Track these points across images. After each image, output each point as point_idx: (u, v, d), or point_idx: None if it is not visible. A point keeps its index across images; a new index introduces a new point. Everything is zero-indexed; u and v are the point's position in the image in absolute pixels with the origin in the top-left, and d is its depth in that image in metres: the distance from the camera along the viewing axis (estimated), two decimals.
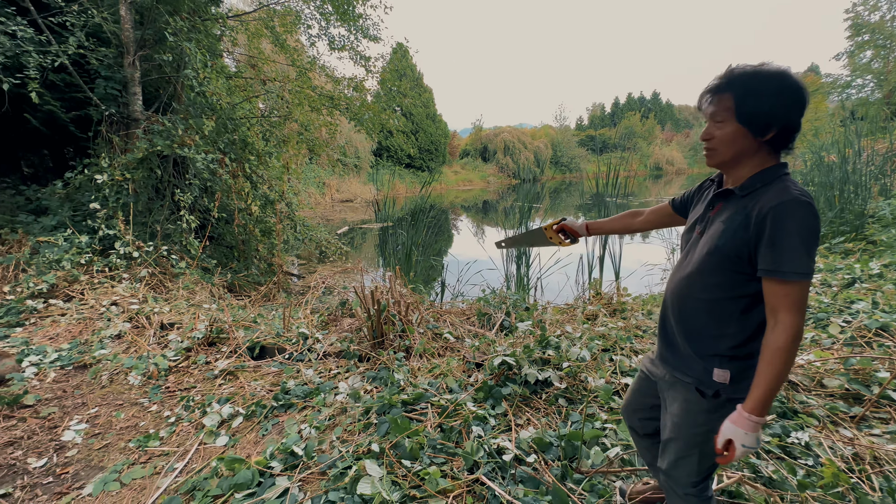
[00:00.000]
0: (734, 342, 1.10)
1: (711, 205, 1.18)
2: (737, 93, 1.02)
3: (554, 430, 2.13)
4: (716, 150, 1.09)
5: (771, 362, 0.98)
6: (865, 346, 2.80)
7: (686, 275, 1.17)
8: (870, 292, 3.70)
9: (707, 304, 1.12)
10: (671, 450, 1.26)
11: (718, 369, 1.12)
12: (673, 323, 1.22)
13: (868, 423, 2.14)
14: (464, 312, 4.03)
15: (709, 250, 1.10)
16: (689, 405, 1.18)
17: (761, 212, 0.99)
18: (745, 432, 1.00)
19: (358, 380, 2.75)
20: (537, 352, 2.69)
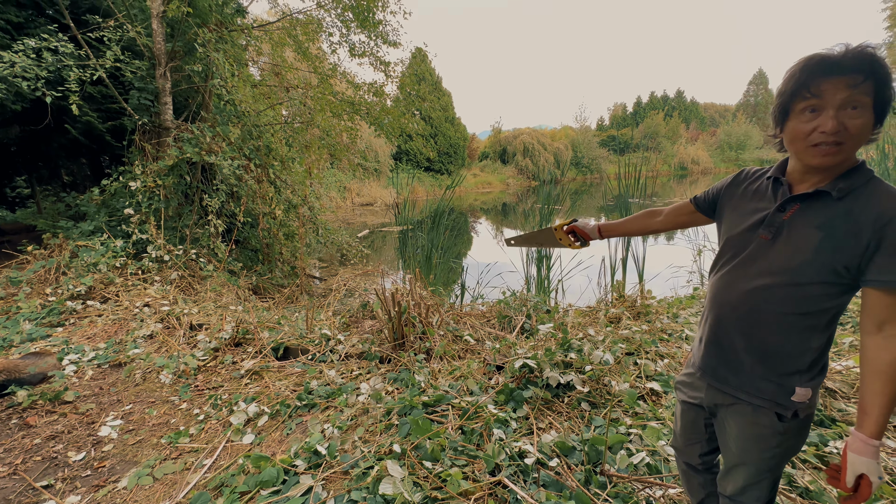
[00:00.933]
0: (815, 356, 1.01)
1: (783, 207, 1.02)
2: (879, 79, 0.88)
3: (577, 435, 2.09)
4: (845, 144, 0.91)
5: (891, 379, 0.90)
6: None
7: (761, 286, 1.02)
8: None
9: (793, 318, 0.99)
10: (738, 475, 1.14)
11: (800, 388, 1.02)
12: (739, 340, 1.08)
13: None
14: (484, 315, 4.02)
15: (804, 261, 0.96)
16: (760, 429, 1.07)
17: (882, 217, 0.88)
18: (875, 462, 0.91)
19: (379, 381, 2.78)
20: (559, 355, 2.66)
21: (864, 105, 0.89)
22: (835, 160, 0.93)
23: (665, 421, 2.15)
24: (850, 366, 2.47)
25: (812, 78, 0.91)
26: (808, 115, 0.93)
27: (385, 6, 7.69)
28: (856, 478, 0.93)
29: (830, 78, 0.89)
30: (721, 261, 1.14)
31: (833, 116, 0.89)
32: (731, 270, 1.10)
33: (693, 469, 1.35)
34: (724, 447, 1.18)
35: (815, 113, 0.92)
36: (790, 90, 0.95)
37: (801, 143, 0.96)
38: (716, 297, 1.13)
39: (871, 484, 0.91)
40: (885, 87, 0.88)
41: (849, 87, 0.88)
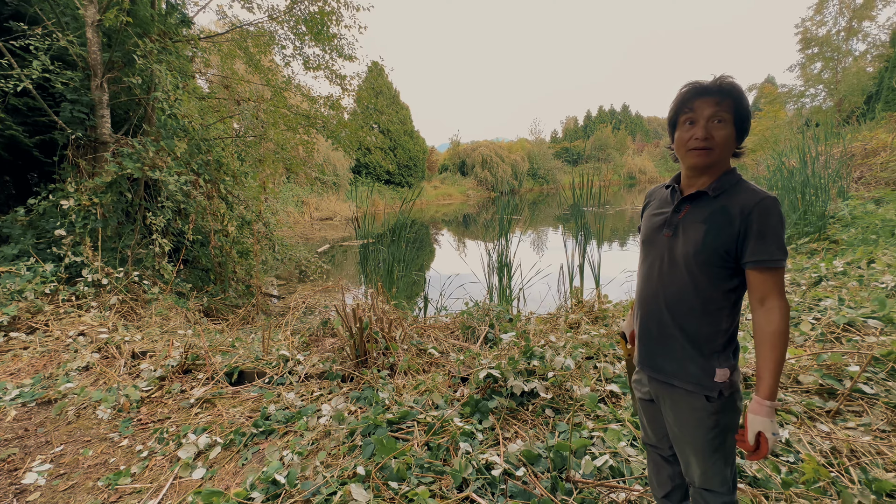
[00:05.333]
0: (726, 338, 1.17)
1: (678, 208, 1.23)
2: (736, 99, 1.13)
3: (542, 442, 2.11)
4: (713, 150, 1.15)
5: (775, 346, 1.07)
6: (835, 341, 2.91)
7: (676, 278, 1.20)
8: (836, 289, 3.86)
9: (703, 303, 1.17)
10: (695, 463, 1.24)
11: (719, 369, 1.16)
12: (670, 328, 1.22)
13: (843, 417, 2.20)
14: (448, 327, 4.01)
15: (696, 250, 1.15)
16: (696, 412, 1.20)
17: (745, 208, 1.10)
18: (770, 420, 1.06)
19: (341, 401, 2.69)
20: (522, 363, 2.69)
21: (727, 119, 1.13)
22: (706, 161, 1.16)
23: (625, 422, 2.21)
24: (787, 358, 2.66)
25: (690, 98, 1.16)
26: (687, 126, 1.17)
27: (340, 20, 7.66)
28: (755, 436, 1.07)
29: (702, 98, 1.14)
30: (641, 262, 1.33)
31: (703, 126, 1.14)
32: (648, 268, 1.28)
33: (665, 460, 1.44)
34: (671, 434, 1.29)
35: (692, 125, 1.16)
36: (675, 108, 1.20)
37: (682, 148, 1.19)
38: (641, 293, 1.30)
39: (767, 440, 1.05)
40: (741, 106, 1.14)
41: (715, 105, 1.13)
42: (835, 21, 17.25)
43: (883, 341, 2.70)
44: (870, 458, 1.86)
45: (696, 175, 1.20)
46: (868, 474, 1.69)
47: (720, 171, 1.18)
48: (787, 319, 1.07)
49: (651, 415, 1.40)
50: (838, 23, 17.19)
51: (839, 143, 8.07)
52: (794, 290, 4.21)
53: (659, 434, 1.40)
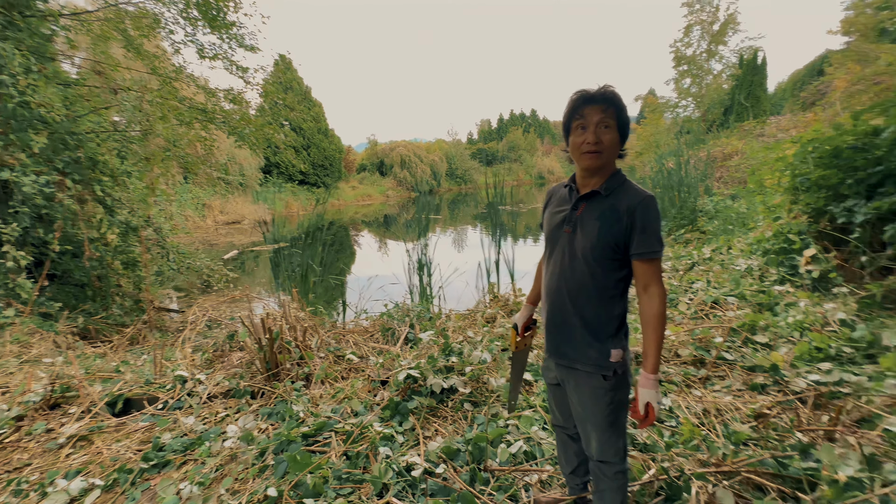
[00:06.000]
0: (618, 322, 1.32)
1: (576, 206, 1.34)
2: (619, 107, 1.25)
3: (461, 436, 2.16)
4: (602, 153, 1.26)
5: (656, 327, 1.23)
6: (705, 317, 3.40)
7: (576, 271, 1.31)
8: (704, 273, 4.51)
9: (599, 292, 1.29)
10: (594, 437, 1.37)
11: (614, 350, 1.30)
12: (571, 317, 1.33)
13: (711, 382, 2.58)
14: (367, 330, 3.92)
15: (592, 244, 1.27)
16: (595, 390, 1.33)
17: (630, 207, 1.24)
18: (655, 391, 1.23)
19: (251, 419, 2.48)
20: (441, 360, 2.72)
21: (612, 125, 1.25)
22: (598, 163, 1.27)
23: (537, 408, 2.35)
24: (668, 335, 3.05)
25: (580, 105, 1.27)
26: (579, 132, 1.28)
27: (238, 7, 7.08)
28: (644, 406, 1.22)
29: (590, 105, 1.25)
30: (546, 257, 1.43)
31: (593, 131, 1.25)
32: (552, 262, 1.39)
33: (571, 438, 1.57)
34: (575, 413, 1.41)
35: (584, 130, 1.26)
36: (568, 114, 1.31)
37: (576, 151, 1.30)
38: (546, 287, 1.41)
39: (654, 408, 1.21)
40: (622, 113, 1.26)
41: (601, 112, 1.24)
42: (698, 44, 20.21)
43: (738, 315, 3.22)
44: (731, 414, 2.20)
45: (590, 175, 1.32)
46: (729, 428, 1.99)
47: (609, 173, 1.31)
48: (665, 303, 1.24)
49: (558, 398, 1.52)
50: (701, 45, 20.17)
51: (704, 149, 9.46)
52: (674, 275, 4.84)
53: (566, 415, 1.52)
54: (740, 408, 2.21)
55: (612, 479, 1.36)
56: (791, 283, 3.70)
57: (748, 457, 1.74)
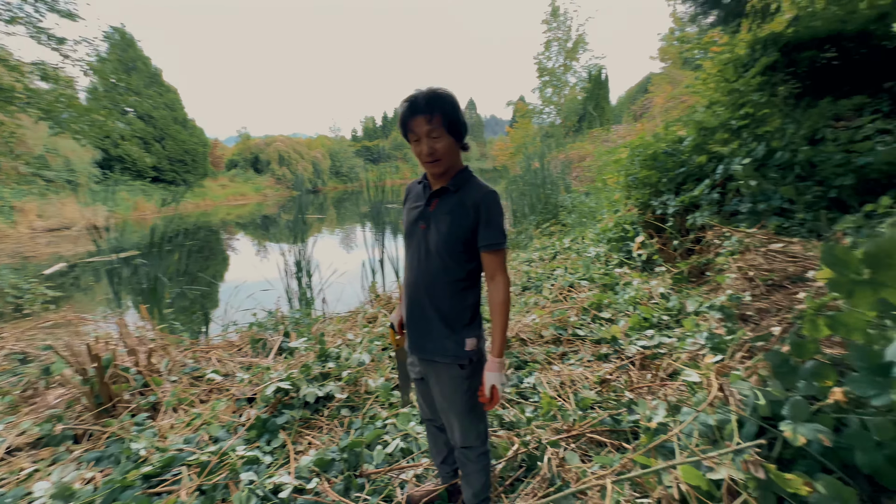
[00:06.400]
0: (472, 312, 1.38)
1: (429, 202, 1.37)
2: (444, 112, 1.24)
3: (336, 445, 2.07)
4: (441, 160, 1.29)
5: (502, 313, 1.30)
6: (563, 300, 3.83)
7: (431, 265, 1.34)
8: (564, 261, 5.09)
9: (452, 284, 1.34)
10: (456, 424, 1.42)
11: (468, 339, 1.35)
12: (429, 311, 1.36)
13: (568, 357, 2.91)
14: (234, 344, 3.52)
15: (444, 239, 1.31)
16: (454, 381, 1.37)
17: (475, 202, 1.29)
18: (499, 374, 1.29)
19: (71, 469, 2.02)
20: (316, 368, 2.58)
21: (441, 133, 1.26)
22: (439, 170, 1.31)
23: (413, 403, 2.37)
24: (534, 319, 3.35)
25: (406, 120, 1.27)
26: (415, 144, 1.29)
27: None
28: (490, 389, 1.28)
29: (416, 117, 1.25)
30: (405, 253, 1.45)
31: (425, 144, 1.26)
32: (410, 258, 1.42)
33: (439, 430, 1.60)
34: (438, 405, 1.45)
35: (418, 141, 1.27)
36: (401, 129, 1.31)
37: (420, 160, 1.32)
38: (405, 282, 1.43)
39: (498, 390, 1.28)
40: (450, 115, 1.25)
41: (427, 123, 1.24)
42: (556, 58, 22.81)
43: (589, 296, 3.69)
44: (582, 383, 2.50)
45: (437, 177, 1.36)
46: (578, 396, 2.26)
47: (456, 170, 1.35)
48: (509, 290, 1.32)
49: (424, 392, 1.55)
50: (559, 59, 22.79)
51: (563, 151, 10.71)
52: (541, 264, 5.37)
53: (432, 408, 1.55)
54: (588, 377, 2.54)
55: (476, 461, 1.43)
56: (628, 266, 4.39)
57: (592, 419, 2.00)
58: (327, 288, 5.25)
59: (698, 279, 3.48)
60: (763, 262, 2.67)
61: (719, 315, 2.24)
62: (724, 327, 2.10)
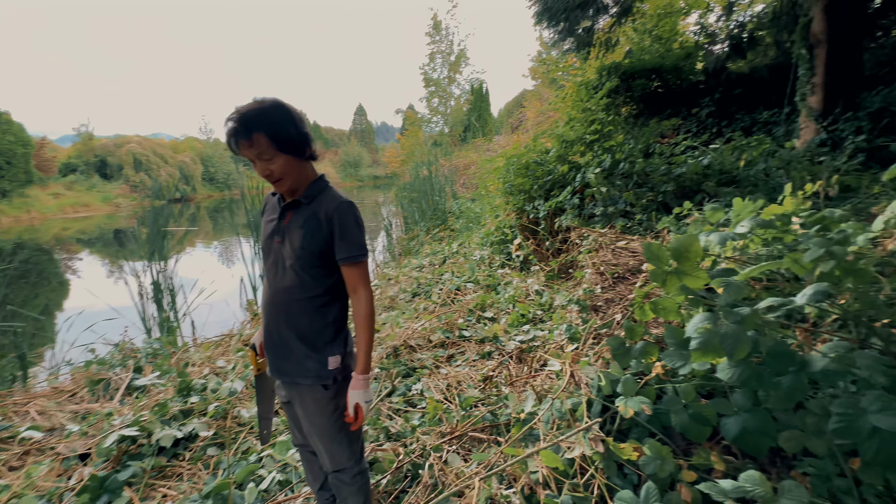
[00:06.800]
0: (336, 328, 1.30)
1: (283, 215, 1.29)
2: (268, 130, 1.13)
3: (199, 492, 1.81)
4: (283, 179, 1.21)
5: (365, 327, 1.25)
6: (451, 303, 3.95)
7: (287, 281, 1.25)
8: (452, 265, 5.28)
9: (310, 301, 1.26)
10: (325, 448, 1.33)
11: (332, 357, 1.28)
12: (285, 331, 1.27)
13: (455, 359, 3.00)
14: (64, 390, 2.89)
15: (298, 254, 1.22)
16: (318, 403, 1.29)
17: (328, 214, 1.22)
18: (364, 391, 1.24)
19: None
20: (176, 405, 2.24)
21: (271, 153, 1.15)
22: (285, 188, 1.24)
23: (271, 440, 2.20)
24: (423, 324, 3.39)
25: (230, 144, 1.17)
26: (252, 164, 1.19)
27: None
28: (354, 408, 1.23)
29: (238, 142, 1.14)
30: (263, 269, 1.35)
31: (258, 167, 1.18)
32: (266, 274, 1.32)
33: (313, 454, 1.49)
34: (305, 429, 1.36)
35: (253, 162, 1.18)
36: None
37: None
38: (262, 301, 1.33)
39: (362, 408, 1.23)
40: (274, 130, 1.14)
41: (249, 147, 1.14)
42: (441, 70, 23.79)
43: (474, 297, 3.87)
44: (468, 382, 2.60)
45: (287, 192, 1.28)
46: (462, 396, 2.34)
47: (308, 182, 1.27)
48: (372, 304, 1.27)
49: (293, 416, 1.44)
50: (443, 71, 23.81)
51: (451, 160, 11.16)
52: (432, 269, 5.48)
53: (303, 432, 1.45)
54: (473, 376, 2.65)
55: (351, 483, 1.37)
56: (508, 266, 4.72)
57: (475, 417, 2.08)
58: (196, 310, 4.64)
59: (566, 275, 3.90)
60: (611, 257, 3.09)
61: (577, 307, 2.52)
62: (580, 318, 2.38)
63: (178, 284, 4.73)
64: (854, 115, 4.39)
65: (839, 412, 1.00)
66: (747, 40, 6.65)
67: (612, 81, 6.25)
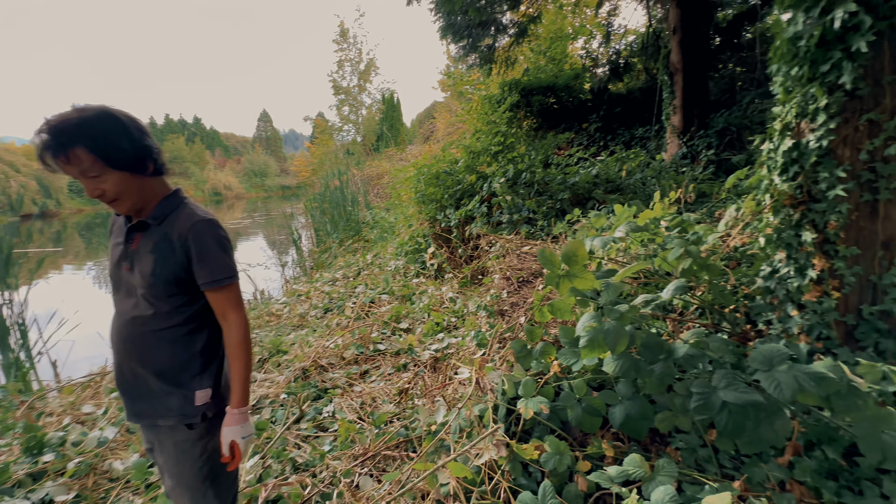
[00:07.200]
0: (205, 357, 1.15)
1: (129, 238, 1.12)
2: (89, 144, 0.94)
3: None
4: (119, 199, 1.03)
5: (239, 357, 1.12)
6: (365, 316, 3.84)
7: (139, 311, 1.10)
8: (367, 277, 5.15)
9: (169, 332, 1.11)
10: (187, 501, 1.16)
11: (199, 391, 1.13)
12: (140, 368, 1.11)
13: (370, 374, 2.90)
14: None
15: (150, 282, 1.07)
16: (180, 447, 1.13)
17: (182, 235, 1.07)
18: (241, 426, 1.10)
19: None
20: (21, 467, 1.84)
21: (97, 169, 0.97)
22: (124, 209, 1.08)
23: None
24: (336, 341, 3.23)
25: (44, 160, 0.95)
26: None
27: None
28: (229, 446, 1.10)
29: (53, 159, 0.94)
30: (113, 298, 1.17)
31: (87, 187, 1.00)
32: (116, 305, 1.15)
33: None
34: (167, 484, 1.18)
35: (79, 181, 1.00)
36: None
37: None
38: (111, 335, 1.15)
39: (239, 446, 1.10)
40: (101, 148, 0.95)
41: (67, 164, 0.95)
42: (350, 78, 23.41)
43: (388, 309, 3.81)
44: (383, 398, 2.53)
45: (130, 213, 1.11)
46: (375, 414, 2.27)
47: (156, 200, 1.11)
48: (246, 329, 1.14)
49: (159, 464, 1.23)
50: (353, 80, 23.45)
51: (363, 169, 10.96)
52: (345, 282, 5.29)
53: None
54: (389, 391, 2.58)
55: None
56: (423, 275, 4.73)
57: (389, 434, 2.02)
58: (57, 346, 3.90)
59: (478, 282, 4.02)
60: (517, 262, 3.26)
61: (485, 313, 2.60)
62: (488, 324, 2.46)
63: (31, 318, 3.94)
64: (705, 133, 5.22)
65: (697, 391, 1.15)
66: (623, 66, 7.57)
67: (513, 97, 6.69)
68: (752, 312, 1.69)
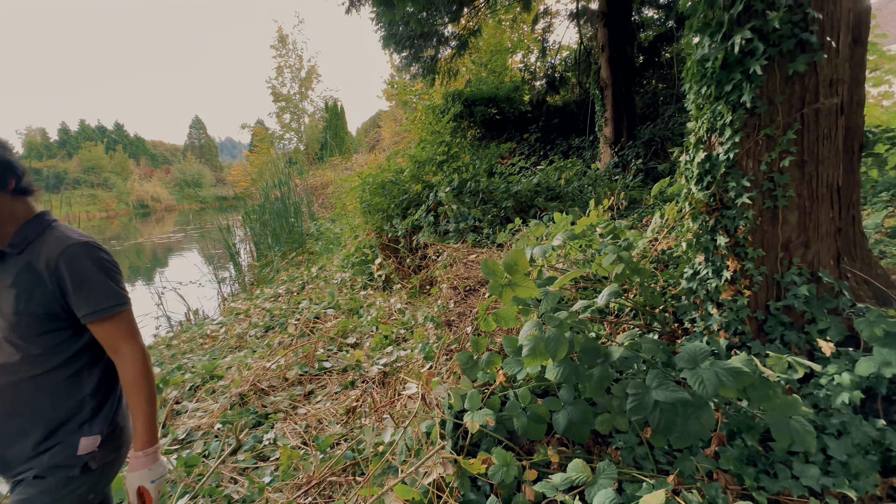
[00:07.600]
0: (96, 400, 1.02)
1: None
2: None
3: None
4: None
5: (138, 393, 1.00)
6: (310, 333, 3.67)
7: (2, 361, 0.95)
8: (311, 291, 4.95)
9: (45, 378, 0.96)
10: None
11: (84, 438, 0.99)
12: (14, 418, 0.96)
13: (315, 395, 2.77)
14: None
15: (13, 322, 0.93)
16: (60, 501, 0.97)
17: (50, 262, 0.94)
18: (148, 470, 0.99)
19: None
20: None
21: None
22: None
23: None
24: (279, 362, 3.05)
25: None
26: None
27: None
28: (136, 493, 0.99)
29: None
30: None
31: None
32: None
33: None
34: None
35: None
36: None
37: None
38: None
39: (149, 491, 0.99)
40: None
41: None
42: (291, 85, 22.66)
43: (335, 324, 3.67)
44: (329, 419, 2.41)
45: None
46: (321, 437, 2.16)
47: (16, 224, 0.97)
48: (145, 361, 1.02)
49: None
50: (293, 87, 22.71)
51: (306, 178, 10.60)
52: (289, 297, 5.04)
53: None
54: (335, 410, 2.47)
55: None
56: (371, 287, 4.63)
57: (336, 458, 1.93)
58: None
59: (427, 291, 4.00)
60: (464, 271, 3.28)
61: (432, 324, 2.59)
62: (435, 335, 2.44)
63: None
64: (634, 144, 5.61)
65: (632, 392, 1.20)
66: (559, 79, 7.98)
67: (457, 107, 6.80)
68: (679, 312, 1.81)
